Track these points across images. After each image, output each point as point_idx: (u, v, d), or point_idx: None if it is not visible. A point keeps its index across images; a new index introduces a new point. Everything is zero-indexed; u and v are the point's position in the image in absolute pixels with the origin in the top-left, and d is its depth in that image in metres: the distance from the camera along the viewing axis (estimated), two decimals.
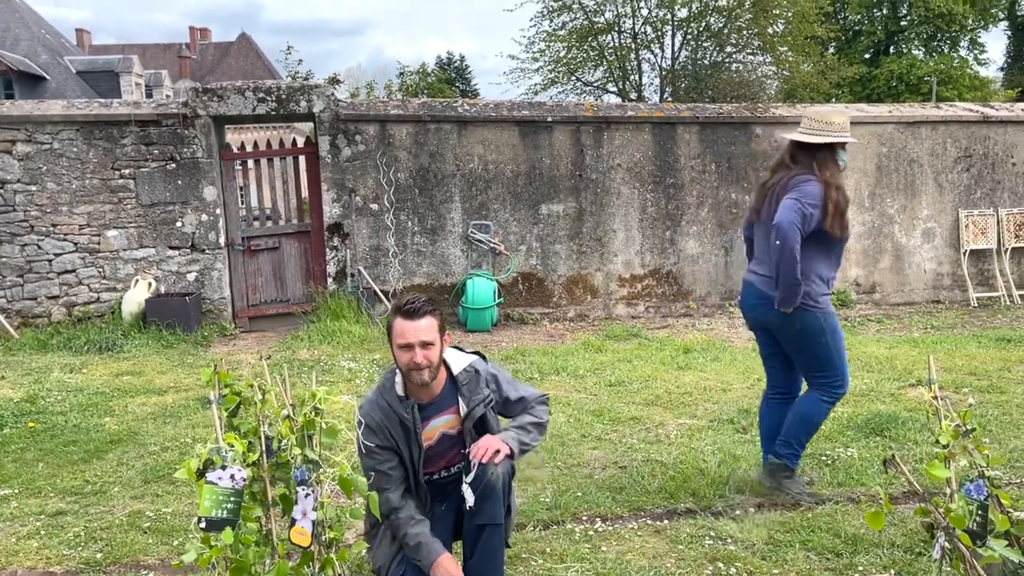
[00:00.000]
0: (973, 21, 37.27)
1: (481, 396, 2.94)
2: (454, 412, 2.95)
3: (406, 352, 2.82)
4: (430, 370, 2.84)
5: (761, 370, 6.33)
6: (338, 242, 8.59)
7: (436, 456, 2.98)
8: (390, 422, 2.89)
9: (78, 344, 7.49)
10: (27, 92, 29.16)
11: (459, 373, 2.95)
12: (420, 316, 2.83)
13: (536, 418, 3.04)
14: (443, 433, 2.97)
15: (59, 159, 8.04)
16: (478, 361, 3.04)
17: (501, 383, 3.04)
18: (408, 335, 2.81)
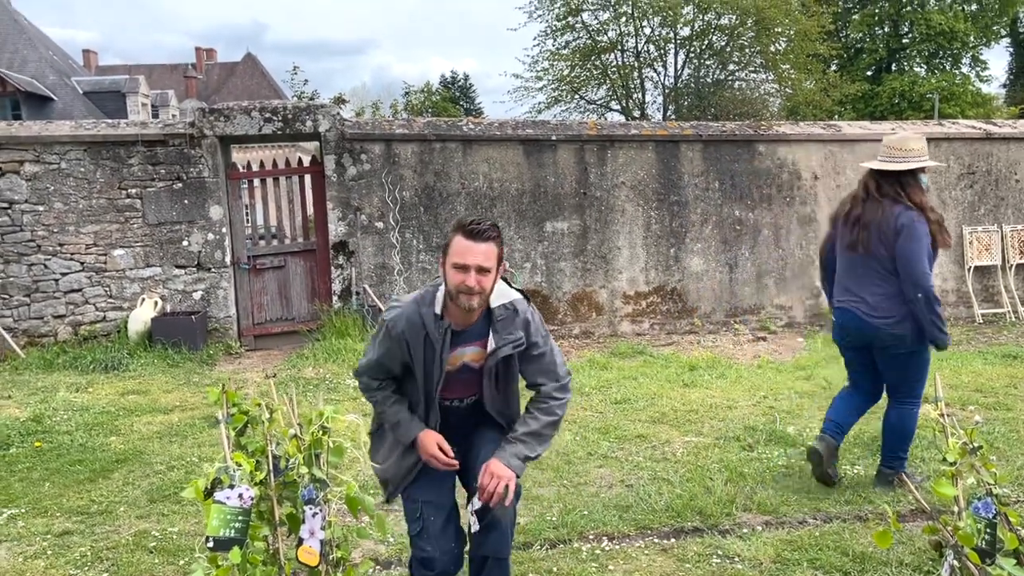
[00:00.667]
0: (975, 38, 37.44)
1: (512, 337, 2.79)
2: (482, 346, 2.81)
3: (460, 273, 2.66)
4: (480, 297, 2.69)
5: (767, 387, 6.38)
6: (343, 260, 8.62)
7: (453, 383, 2.87)
8: (413, 336, 2.77)
9: (84, 363, 7.51)
10: (34, 113, 29.40)
11: (497, 307, 2.79)
12: (484, 239, 2.67)
13: (551, 416, 2.89)
14: (465, 364, 2.85)
15: (66, 179, 8.10)
16: (520, 301, 2.86)
17: (532, 333, 2.84)
18: (467, 256, 2.65)
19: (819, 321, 9.04)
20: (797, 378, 6.69)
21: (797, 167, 8.97)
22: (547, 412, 2.88)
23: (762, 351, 7.87)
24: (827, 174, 9.02)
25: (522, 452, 2.83)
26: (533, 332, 2.85)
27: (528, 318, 2.84)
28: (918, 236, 3.87)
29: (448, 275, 2.70)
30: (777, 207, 8.96)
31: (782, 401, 5.99)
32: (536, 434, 2.85)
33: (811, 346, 7.93)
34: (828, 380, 6.55)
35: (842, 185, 9.04)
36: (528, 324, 2.83)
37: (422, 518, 2.85)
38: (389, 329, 2.78)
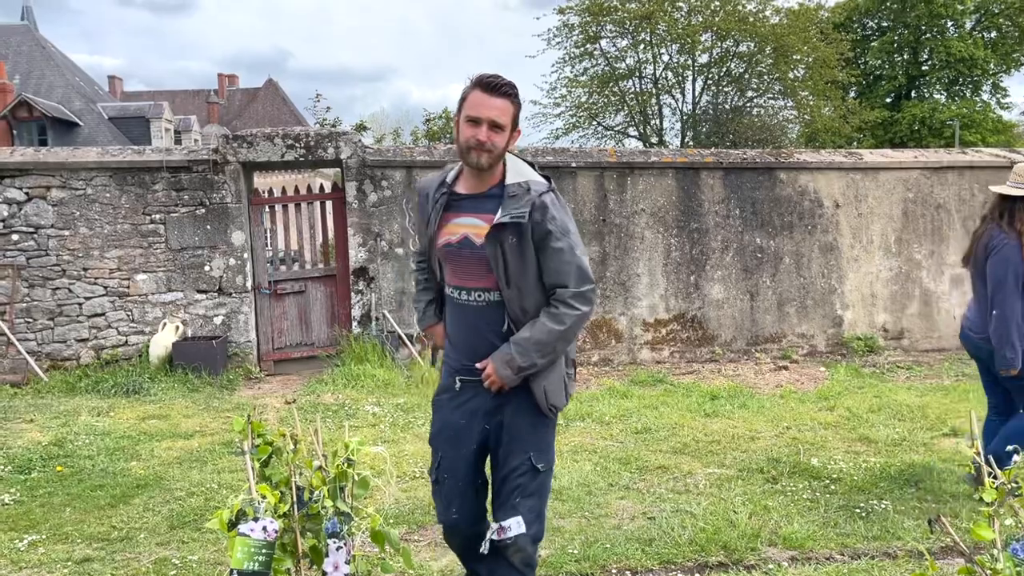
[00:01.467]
0: (995, 66, 37.32)
1: (519, 211, 2.58)
2: (487, 220, 2.62)
3: (472, 127, 2.56)
4: (490, 155, 2.58)
5: (790, 418, 6.30)
6: (363, 286, 8.65)
7: (461, 264, 2.71)
8: (424, 200, 2.79)
9: (106, 387, 7.55)
10: (60, 138, 29.88)
11: (511, 183, 2.62)
12: (499, 94, 2.57)
13: (557, 325, 2.60)
14: (466, 235, 2.67)
15: (92, 204, 8.20)
16: (538, 182, 2.66)
17: (547, 219, 2.59)
18: (480, 108, 2.56)
19: (841, 350, 8.95)
20: (820, 409, 6.61)
21: (819, 195, 8.93)
22: (554, 319, 2.62)
23: (784, 380, 7.79)
24: (849, 202, 8.97)
25: (515, 360, 2.62)
26: (549, 219, 2.59)
27: (544, 201, 2.61)
28: (1004, 258, 4.07)
29: (460, 130, 2.62)
30: (798, 235, 8.91)
31: (805, 432, 5.92)
32: (535, 342, 2.60)
33: (833, 376, 7.83)
34: (851, 411, 6.48)
35: (864, 213, 8.99)
36: (544, 208, 2.59)
37: (437, 470, 2.85)
38: (416, 193, 2.82)
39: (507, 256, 2.61)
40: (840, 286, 9.00)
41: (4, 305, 8.11)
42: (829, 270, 8.98)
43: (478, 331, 2.74)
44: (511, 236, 2.60)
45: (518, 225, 2.58)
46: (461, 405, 2.79)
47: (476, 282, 2.71)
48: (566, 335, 2.64)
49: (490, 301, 2.71)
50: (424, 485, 4.93)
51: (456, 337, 2.81)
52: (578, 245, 2.66)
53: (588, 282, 2.66)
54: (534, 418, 2.74)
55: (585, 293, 2.65)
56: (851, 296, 9.02)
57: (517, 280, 2.64)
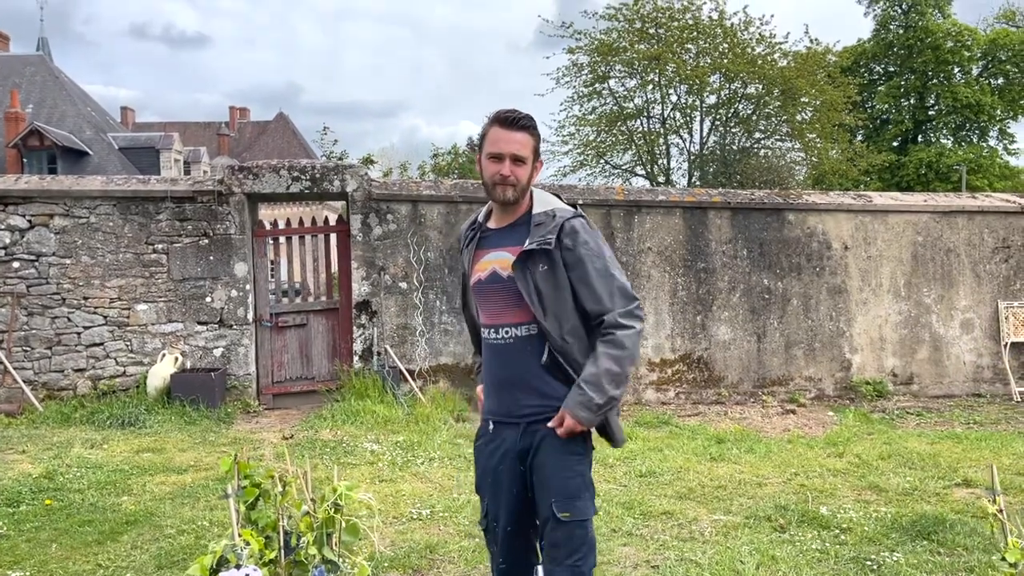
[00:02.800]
0: (1002, 112, 37.46)
1: (545, 237, 2.54)
2: (513, 251, 2.59)
3: (495, 163, 2.59)
4: (515, 189, 2.59)
5: (798, 464, 6.15)
6: (366, 320, 8.56)
7: (485, 298, 2.67)
8: (462, 241, 2.81)
9: (101, 418, 7.44)
10: (70, 166, 30.07)
11: (537, 212, 2.62)
12: (518, 127, 2.60)
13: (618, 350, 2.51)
14: (494, 269, 2.64)
15: (95, 233, 8.16)
16: (565, 210, 2.63)
17: (579, 243, 2.55)
18: (501, 144, 2.58)
19: (849, 394, 8.80)
20: (829, 455, 6.46)
21: (827, 237, 8.85)
22: (613, 345, 2.53)
23: (791, 425, 7.64)
24: (858, 244, 8.88)
25: (591, 400, 2.51)
26: (580, 243, 2.56)
27: (574, 225, 2.58)
28: None
29: (484, 168, 2.63)
30: (807, 277, 8.81)
31: (814, 479, 5.76)
32: (605, 373, 2.50)
33: (842, 421, 7.68)
34: (861, 458, 6.33)
35: (873, 256, 8.90)
36: (574, 233, 2.56)
37: (485, 518, 2.74)
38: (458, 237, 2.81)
39: (539, 285, 2.56)
40: (848, 329, 8.88)
41: (2, 333, 8.04)
42: (837, 313, 8.86)
43: (510, 369, 2.65)
44: (541, 264, 2.56)
45: (547, 252, 2.55)
46: (496, 449, 2.69)
47: (505, 317, 2.65)
48: (631, 356, 2.56)
49: (518, 337, 2.63)
50: (422, 527, 4.79)
51: (490, 379, 2.74)
52: (614, 266, 2.62)
53: (632, 300, 2.61)
54: (562, 459, 2.58)
55: (632, 311, 2.59)
56: (860, 339, 8.89)
57: (553, 308, 2.57)
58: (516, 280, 2.57)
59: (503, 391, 2.67)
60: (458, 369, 8.57)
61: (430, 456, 6.40)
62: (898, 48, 37.32)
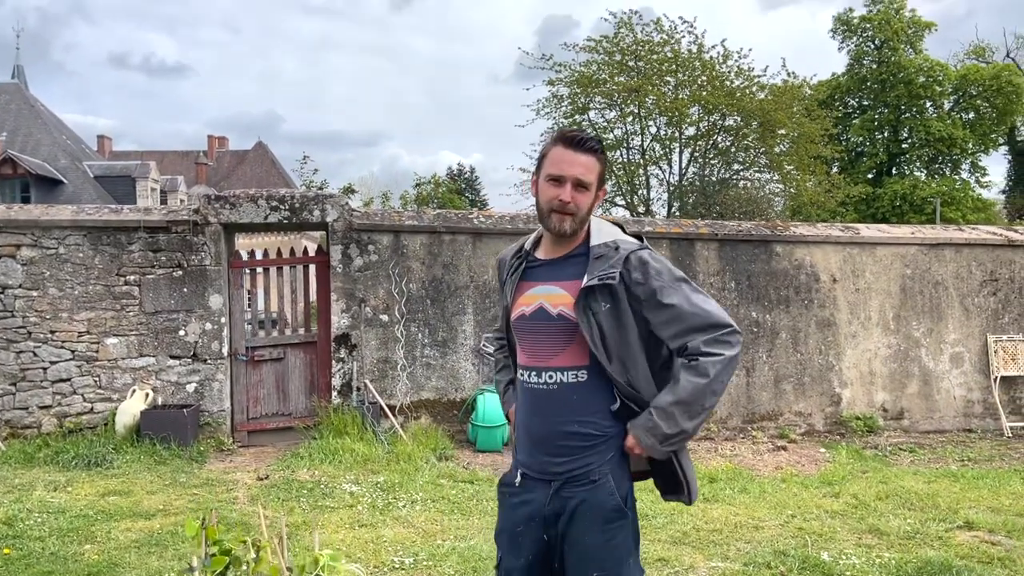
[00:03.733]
0: (973, 145, 38.07)
1: (608, 272, 2.26)
2: (565, 286, 2.33)
3: (554, 187, 2.32)
4: (574, 219, 2.32)
5: (794, 504, 5.94)
6: (345, 354, 8.29)
7: (528, 336, 2.40)
8: (502, 271, 2.56)
9: (66, 458, 7.08)
10: (44, 195, 29.60)
11: (597, 244, 2.34)
12: (584, 149, 2.33)
13: (700, 377, 2.20)
14: (541, 305, 2.36)
15: (64, 264, 7.86)
16: (629, 242, 2.35)
17: (650, 275, 2.27)
18: (564, 165, 2.31)
19: (839, 430, 8.64)
20: (825, 495, 6.27)
21: (815, 269, 8.74)
22: (695, 371, 2.22)
23: (783, 462, 7.45)
24: (846, 277, 8.78)
25: (658, 427, 2.23)
26: (652, 275, 2.28)
27: (642, 257, 2.30)
28: None
29: (541, 191, 2.37)
30: (795, 309, 8.68)
31: (812, 521, 5.56)
32: (679, 402, 2.21)
33: (835, 458, 7.50)
34: (858, 498, 6.15)
35: (861, 289, 8.80)
36: (644, 265, 2.29)
37: (497, 570, 2.49)
38: (496, 266, 2.55)
39: (602, 326, 2.28)
40: (838, 363, 8.74)
41: None
42: (827, 346, 8.73)
43: (548, 421, 2.36)
44: (603, 302, 2.28)
45: (609, 289, 2.28)
46: (520, 506, 2.42)
47: (550, 360, 2.36)
48: (714, 388, 2.23)
49: (563, 384, 2.34)
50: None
51: (523, 428, 2.46)
52: (696, 292, 2.33)
53: (723, 326, 2.28)
54: (603, 525, 2.30)
55: (719, 337, 2.26)
56: (849, 374, 8.75)
57: (619, 351, 2.29)
58: (577, 320, 2.29)
59: (537, 445, 2.39)
60: (440, 404, 8.32)
61: (412, 498, 6.13)
62: (871, 82, 37.92)
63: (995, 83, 36.30)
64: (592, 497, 2.30)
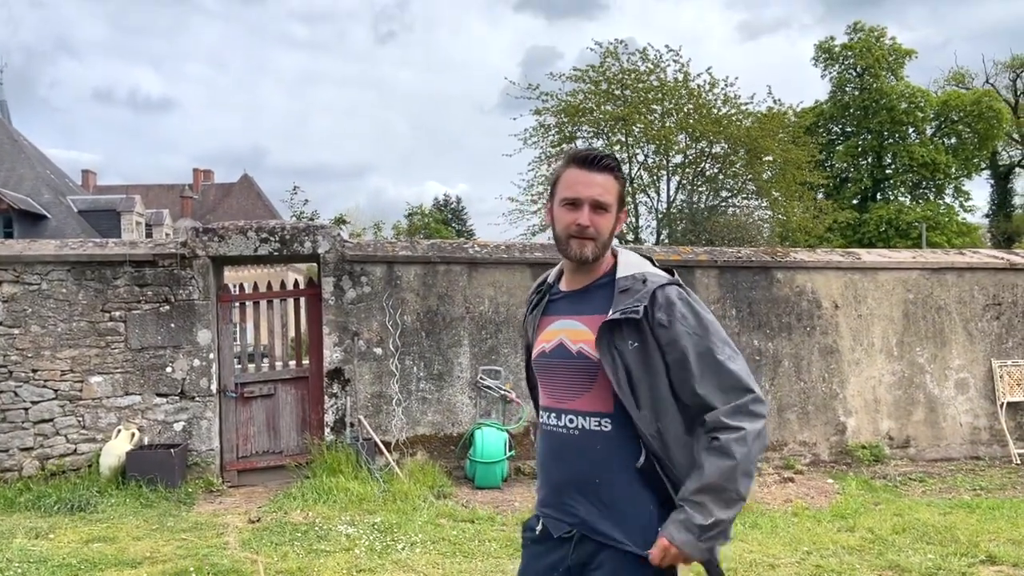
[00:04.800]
0: (956, 170, 38.43)
1: (633, 306, 2.05)
2: (586, 321, 2.15)
3: (571, 211, 2.14)
4: (595, 244, 2.14)
5: (809, 540, 5.72)
6: (338, 389, 8.05)
7: (547, 375, 2.23)
8: (528, 307, 2.41)
9: (48, 503, 6.78)
10: (27, 230, 29.24)
11: (623, 276, 2.14)
12: (600, 168, 2.15)
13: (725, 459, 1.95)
14: (561, 341, 2.18)
15: (46, 300, 7.61)
16: (657, 275, 2.14)
17: (675, 318, 2.04)
18: (579, 187, 2.14)
19: (845, 459, 8.45)
20: (839, 529, 6.06)
21: (817, 295, 8.60)
22: (719, 453, 1.97)
23: (792, 494, 7.24)
24: (848, 303, 8.64)
25: (691, 518, 1.96)
26: (678, 318, 2.04)
27: (669, 295, 2.08)
28: None
29: (557, 218, 2.20)
30: (797, 337, 8.53)
31: (829, 558, 5.34)
32: (708, 489, 1.96)
33: (845, 489, 7.30)
34: (874, 532, 5.94)
35: (863, 315, 8.67)
36: (670, 305, 2.06)
37: None
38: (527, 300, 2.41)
39: (630, 367, 2.05)
40: (842, 391, 8.57)
41: None
42: (830, 374, 8.57)
43: (569, 468, 2.16)
44: (631, 340, 2.05)
45: (635, 324, 2.06)
46: (539, 556, 2.22)
47: (571, 402, 2.16)
48: (745, 469, 1.97)
49: (584, 430, 2.13)
50: None
51: (543, 468, 2.27)
52: (722, 347, 2.06)
53: (744, 392, 2.02)
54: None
55: (742, 406, 2.00)
56: (854, 401, 8.59)
57: (649, 398, 2.05)
58: (599, 359, 2.08)
59: (555, 490, 2.20)
60: (437, 439, 8.08)
61: (411, 540, 5.88)
62: (854, 109, 38.28)
63: (976, 108, 36.74)
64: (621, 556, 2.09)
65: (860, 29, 38.15)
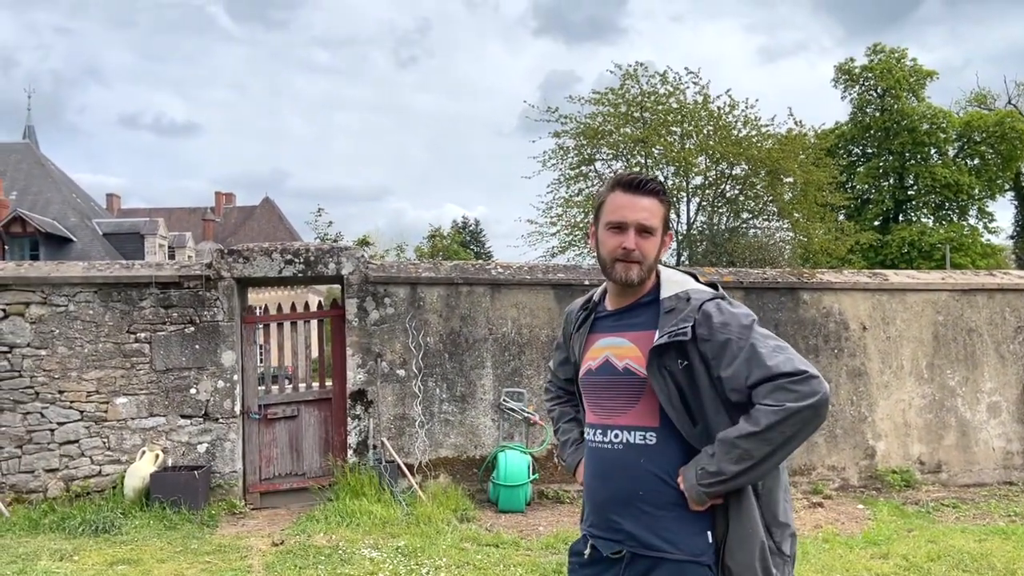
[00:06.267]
0: (979, 191, 38.07)
1: (680, 328, 2.06)
2: (632, 338, 2.16)
3: (616, 235, 2.17)
4: (640, 267, 2.16)
5: (842, 567, 5.60)
6: (361, 410, 8.02)
7: (593, 392, 2.24)
8: (570, 324, 2.41)
9: (72, 525, 6.78)
10: (52, 253, 29.64)
11: (667, 296, 2.15)
12: (645, 192, 2.17)
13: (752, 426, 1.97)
14: (607, 358, 2.20)
15: (73, 322, 7.66)
16: (701, 291, 2.16)
17: (716, 329, 2.05)
18: (624, 211, 2.16)
19: (875, 484, 8.29)
20: (872, 556, 5.92)
21: (844, 317, 8.49)
22: (747, 419, 2.00)
23: (822, 520, 7.10)
24: (876, 325, 8.53)
25: (699, 462, 2.04)
26: (718, 328, 2.05)
27: (708, 311, 2.08)
28: None
29: (602, 242, 2.23)
30: (824, 359, 8.41)
31: None
32: (724, 442, 2.00)
33: (876, 515, 7.16)
34: (908, 560, 5.80)
35: (892, 337, 8.54)
36: (708, 319, 2.06)
37: None
38: (564, 319, 2.47)
39: (681, 386, 2.07)
40: (871, 414, 8.44)
41: None
42: (859, 397, 8.44)
43: (614, 484, 2.16)
44: (680, 359, 2.07)
45: (682, 346, 2.08)
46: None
47: (617, 418, 2.18)
48: (768, 437, 1.96)
49: (630, 444, 2.15)
50: None
51: (589, 490, 2.27)
52: (766, 340, 2.07)
53: (793, 374, 1.99)
54: None
55: (787, 385, 1.97)
56: (883, 425, 8.44)
57: (701, 416, 2.08)
58: (645, 376, 2.11)
59: (603, 509, 2.19)
60: (459, 462, 8.02)
61: (435, 564, 5.81)
62: (875, 130, 38.08)
63: (998, 129, 36.46)
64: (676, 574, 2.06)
65: (880, 51, 38.03)
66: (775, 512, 2.12)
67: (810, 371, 2.02)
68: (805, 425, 1.99)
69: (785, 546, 2.13)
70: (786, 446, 2.00)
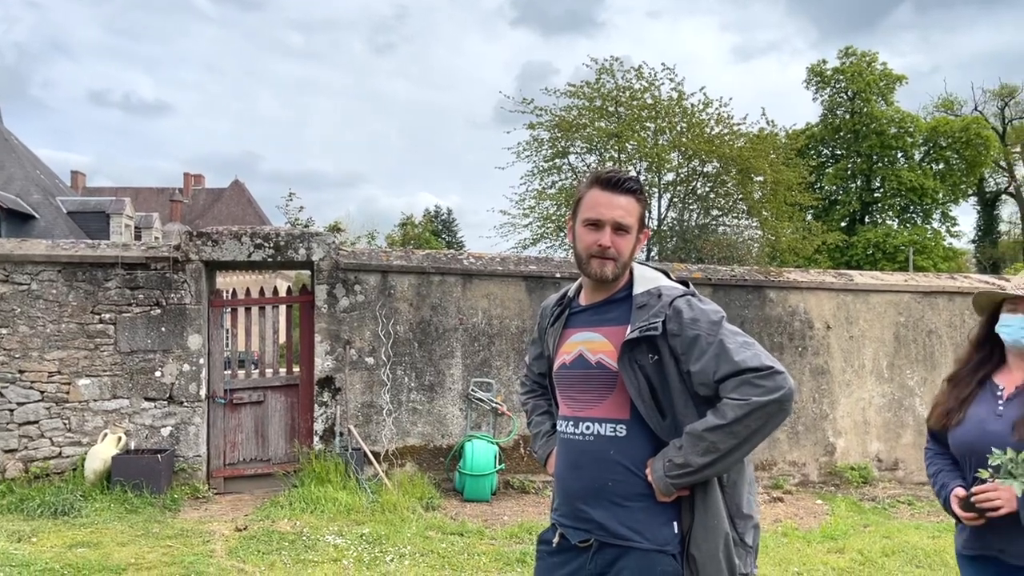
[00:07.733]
0: (944, 195, 38.78)
1: (650, 323, 2.11)
2: (605, 332, 2.22)
3: (592, 232, 2.21)
4: (615, 264, 2.21)
5: (799, 561, 5.72)
6: (328, 397, 8.00)
7: (566, 385, 2.29)
8: (544, 319, 2.48)
9: (31, 507, 6.69)
10: (15, 230, 29.00)
11: (639, 293, 2.20)
12: (622, 190, 2.21)
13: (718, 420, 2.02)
14: (580, 352, 2.25)
15: (36, 301, 7.53)
16: (672, 288, 2.21)
17: (686, 325, 2.10)
18: (601, 208, 2.20)
19: (834, 480, 8.46)
20: (829, 551, 6.05)
21: (809, 316, 8.64)
22: (715, 412, 2.05)
23: (782, 514, 7.24)
24: (840, 324, 8.68)
25: (666, 454, 2.09)
26: (688, 324, 2.10)
27: (678, 307, 2.13)
28: None
29: (578, 237, 2.27)
30: (789, 357, 8.55)
31: None
32: (690, 434, 2.06)
33: (834, 511, 7.31)
34: (863, 554, 5.94)
35: (855, 336, 8.70)
36: (679, 315, 2.11)
37: None
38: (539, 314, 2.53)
39: (651, 379, 2.13)
40: (832, 412, 8.60)
41: None
42: (821, 394, 8.59)
43: (585, 475, 2.22)
44: (650, 354, 2.13)
45: (652, 341, 2.13)
46: (556, 567, 2.26)
47: (588, 410, 2.24)
48: (733, 430, 2.02)
49: (600, 436, 2.21)
50: None
51: (559, 480, 2.33)
52: (734, 336, 2.13)
53: (759, 369, 2.05)
54: None
55: (754, 380, 2.04)
56: (843, 423, 8.61)
57: (670, 409, 2.14)
58: (617, 370, 2.16)
59: (573, 499, 2.25)
60: (426, 451, 8.03)
61: (400, 552, 5.83)
62: (845, 132, 38.62)
63: (964, 135, 37.14)
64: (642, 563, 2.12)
65: (852, 54, 38.52)
66: (739, 504, 2.17)
67: (776, 367, 2.09)
68: (770, 419, 2.05)
69: (748, 537, 2.19)
70: (751, 439, 2.06)
